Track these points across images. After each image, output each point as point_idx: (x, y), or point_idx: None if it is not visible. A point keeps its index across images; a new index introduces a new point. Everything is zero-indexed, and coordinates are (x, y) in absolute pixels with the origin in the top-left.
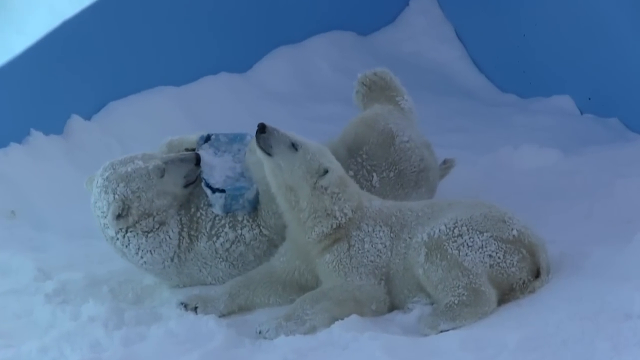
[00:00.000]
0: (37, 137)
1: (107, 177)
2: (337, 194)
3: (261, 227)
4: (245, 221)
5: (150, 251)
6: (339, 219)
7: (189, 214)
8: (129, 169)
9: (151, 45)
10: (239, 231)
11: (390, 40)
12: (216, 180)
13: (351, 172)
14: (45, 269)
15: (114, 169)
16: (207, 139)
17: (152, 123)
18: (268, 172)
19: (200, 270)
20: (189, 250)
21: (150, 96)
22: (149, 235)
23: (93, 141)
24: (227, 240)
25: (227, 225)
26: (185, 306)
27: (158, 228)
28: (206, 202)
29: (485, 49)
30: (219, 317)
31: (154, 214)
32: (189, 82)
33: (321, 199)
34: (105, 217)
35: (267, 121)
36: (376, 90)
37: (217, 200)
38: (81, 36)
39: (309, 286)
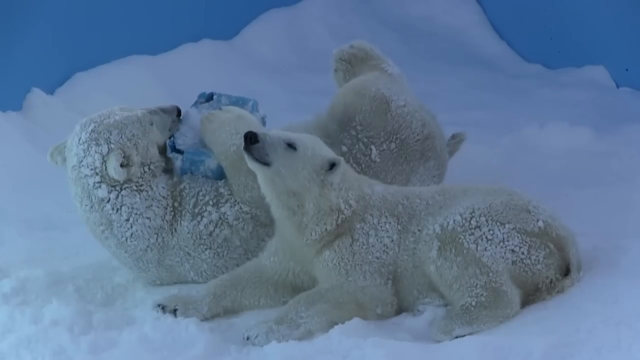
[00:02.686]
0: None
1: (93, 130)
2: (341, 184)
3: (240, 203)
4: (227, 194)
5: (142, 214)
6: (345, 212)
7: (171, 180)
8: (118, 118)
9: (123, 8)
10: (222, 209)
11: (397, 1)
12: (184, 141)
13: (345, 148)
14: (2, 265)
15: (97, 122)
16: (210, 98)
17: (123, 97)
18: (264, 182)
19: (182, 263)
20: (172, 233)
21: (121, 66)
22: (142, 192)
23: (56, 118)
24: (210, 222)
25: (210, 202)
26: (163, 308)
27: (150, 181)
28: (191, 177)
29: (506, 12)
30: (201, 320)
31: (149, 163)
32: (166, 51)
33: (328, 196)
34: (97, 174)
35: (256, 97)
36: (357, 63)
37: (175, 160)
38: None
39: (305, 287)
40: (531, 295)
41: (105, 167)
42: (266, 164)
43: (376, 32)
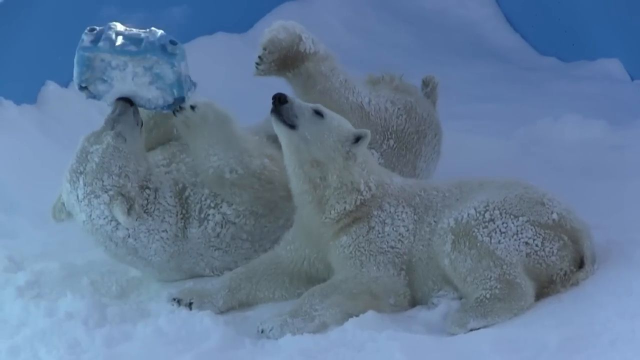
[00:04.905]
0: (7, 107)
1: (85, 184)
2: (363, 164)
3: (235, 203)
4: (220, 196)
5: (158, 229)
6: (364, 193)
7: (176, 187)
8: (97, 159)
9: (137, 1)
10: (222, 209)
11: None
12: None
13: None
14: (17, 258)
15: (81, 172)
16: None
17: None
18: (290, 148)
19: (197, 263)
20: (185, 239)
21: None
22: (153, 212)
23: (71, 111)
24: (216, 224)
25: (211, 205)
26: (179, 302)
27: (155, 198)
28: (194, 182)
29: (521, 5)
30: (216, 314)
31: (146, 183)
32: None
33: (351, 170)
34: (111, 222)
35: (272, 90)
36: (281, 63)
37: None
38: None
39: (320, 278)
40: (545, 288)
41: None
42: (292, 126)
43: (390, 25)
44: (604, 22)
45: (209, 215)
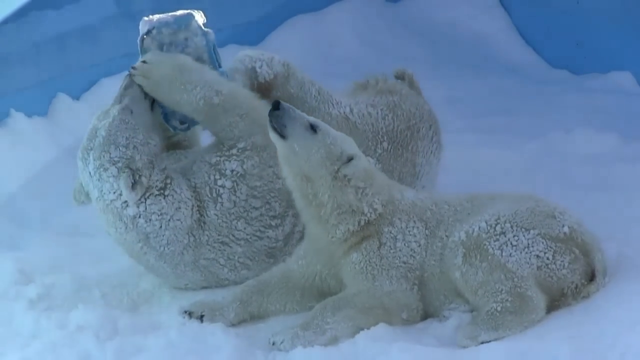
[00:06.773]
0: (18, 119)
1: (94, 158)
2: (364, 189)
3: (232, 149)
4: (217, 156)
5: (172, 217)
6: (368, 215)
7: (189, 181)
8: (104, 133)
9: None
10: (225, 172)
11: (422, 7)
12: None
13: None
14: (27, 270)
15: (90, 148)
16: (148, 34)
17: None
18: (282, 158)
19: (216, 259)
20: (202, 229)
21: None
22: (167, 196)
23: (82, 123)
24: (229, 192)
25: (216, 177)
26: (190, 314)
27: (170, 183)
28: (193, 172)
29: (532, 17)
30: (228, 326)
31: (154, 162)
32: None
33: (344, 191)
34: (120, 197)
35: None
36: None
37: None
38: (68, 2)
39: (332, 292)
40: (556, 301)
41: None
42: (282, 136)
43: (402, 38)
44: (615, 35)
45: (219, 188)
